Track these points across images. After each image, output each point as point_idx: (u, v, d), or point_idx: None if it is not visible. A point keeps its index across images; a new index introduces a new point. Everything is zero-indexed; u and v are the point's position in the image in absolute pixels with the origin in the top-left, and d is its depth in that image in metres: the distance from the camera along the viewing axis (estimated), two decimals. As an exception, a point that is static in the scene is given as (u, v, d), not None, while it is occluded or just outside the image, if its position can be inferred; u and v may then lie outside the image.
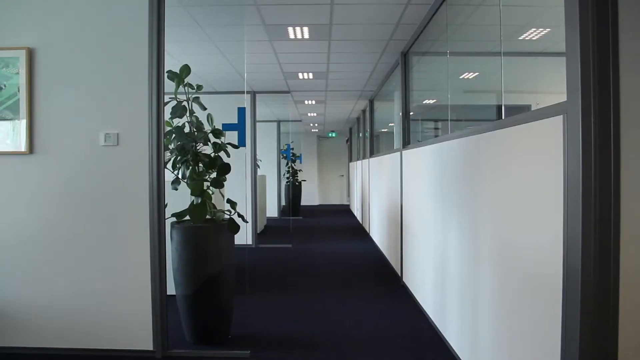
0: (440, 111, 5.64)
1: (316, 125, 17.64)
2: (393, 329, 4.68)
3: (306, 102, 11.78)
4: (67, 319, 4.07)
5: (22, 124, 4.04)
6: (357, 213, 14.42)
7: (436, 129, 6.13)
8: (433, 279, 4.66)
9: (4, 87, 4.05)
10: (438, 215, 4.49)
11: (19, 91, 4.04)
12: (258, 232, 10.04)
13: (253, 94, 9.66)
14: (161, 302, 4.00)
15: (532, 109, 3.15)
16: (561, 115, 2.15)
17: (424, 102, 6.75)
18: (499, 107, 3.50)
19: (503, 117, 3.30)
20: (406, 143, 6.49)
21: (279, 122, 14.34)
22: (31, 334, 4.10)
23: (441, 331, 4.36)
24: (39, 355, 4.04)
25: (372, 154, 10.81)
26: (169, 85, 4.20)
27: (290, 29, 5.87)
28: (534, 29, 4.17)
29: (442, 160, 4.34)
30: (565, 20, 2.11)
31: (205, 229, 4.32)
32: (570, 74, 2.08)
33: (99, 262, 4.03)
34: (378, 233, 9.26)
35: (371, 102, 11.30)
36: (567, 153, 2.11)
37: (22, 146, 4.05)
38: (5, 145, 4.07)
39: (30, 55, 4.05)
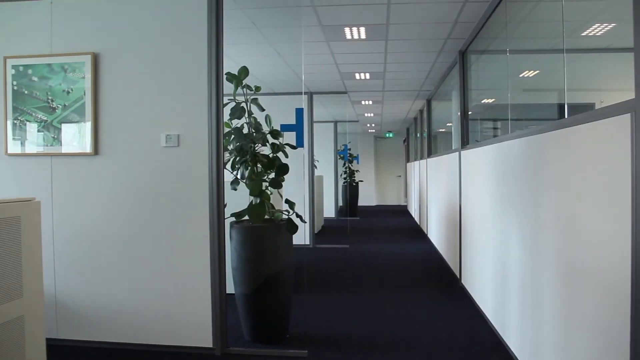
0: (499, 110, 5.53)
1: (373, 125, 17.58)
2: (451, 331, 4.62)
3: (363, 102, 11.76)
4: (129, 314, 4.19)
5: (87, 126, 4.18)
6: (414, 214, 14.30)
7: (495, 128, 6.03)
8: (493, 282, 4.58)
9: (71, 91, 4.20)
10: (498, 216, 4.41)
11: (84, 95, 4.18)
12: (315, 232, 10.07)
13: (310, 95, 9.71)
14: (221, 301, 4.07)
15: (596, 107, 3.06)
16: (629, 114, 2.08)
17: (483, 101, 6.64)
18: (561, 106, 3.41)
19: (566, 116, 3.21)
20: (465, 143, 6.40)
21: (335, 122, 14.36)
22: (93, 328, 4.24)
23: (501, 334, 4.28)
24: (100, 349, 4.18)
25: (429, 154, 10.70)
26: (228, 87, 4.27)
27: (347, 30, 5.87)
28: (598, 25, 4.05)
29: (502, 160, 4.26)
30: (634, 14, 2.04)
31: (264, 229, 4.37)
32: (639, 70, 2.00)
33: (161, 260, 4.13)
34: (436, 234, 9.16)
35: (428, 102, 11.19)
36: (635, 153, 2.03)
37: (88, 147, 4.19)
38: (72, 147, 4.22)
39: (95, 60, 4.18)
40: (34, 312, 2.34)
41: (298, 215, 4.56)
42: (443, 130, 10.51)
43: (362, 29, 5.86)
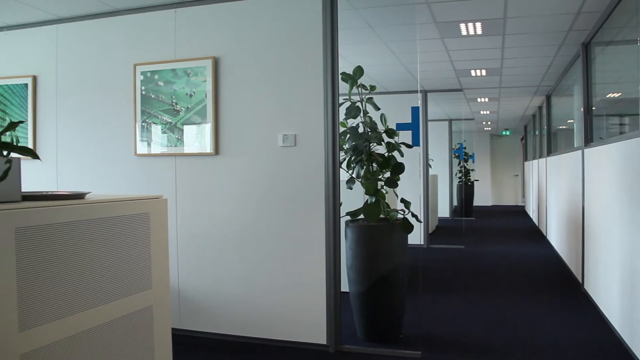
0: (628, 105, 5.20)
1: (489, 123, 17.09)
2: (573, 337, 4.40)
3: (479, 99, 11.47)
4: (246, 309, 4.33)
5: (208, 127, 4.37)
6: (532, 215, 13.76)
7: (622, 124, 5.68)
8: (620, 289, 4.32)
9: (193, 94, 4.40)
10: (627, 219, 4.15)
11: (206, 97, 4.37)
12: (430, 232, 9.95)
13: (424, 93, 9.60)
14: (335, 299, 4.11)
15: None
16: None
17: (609, 95, 6.27)
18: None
19: None
20: (588, 141, 6.08)
21: (450, 120, 14.09)
22: (212, 320, 4.42)
23: (629, 345, 4.03)
24: (219, 341, 4.36)
25: (549, 153, 10.25)
26: (343, 87, 4.31)
27: (462, 26, 5.75)
28: None
29: (632, 159, 4.01)
30: None
31: (379, 228, 4.37)
32: None
33: (277, 257, 4.24)
34: (556, 237, 8.77)
35: (548, 98, 10.72)
36: None
37: (208, 148, 4.37)
38: (194, 147, 4.43)
39: (216, 63, 4.36)
40: (161, 303, 2.48)
41: (413, 215, 4.52)
42: (564, 127, 10.03)
43: (478, 25, 5.72)
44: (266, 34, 4.26)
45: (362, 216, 4.48)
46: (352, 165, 4.57)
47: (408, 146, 4.70)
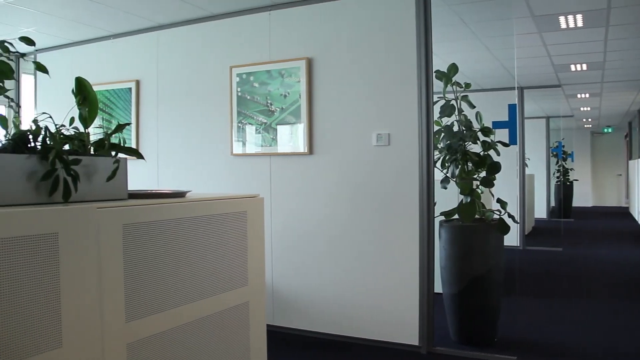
0: None
1: (589, 120, 16.34)
2: (687, 348, 4.13)
3: (578, 95, 10.99)
4: (338, 307, 4.34)
5: (302, 127, 4.42)
6: (638, 216, 13.04)
7: None
8: None
9: (287, 94, 4.47)
10: None
11: (300, 97, 4.42)
12: (526, 233, 9.63)
13: (521, 90, 9.30)
14: (428, 299, 4.05)
15: None
16: None
17: None
18: None
19: None
20: (703, 137, 5.68)
21: (547, 118, 13.57)
22: (304, 317, 4.47)
23: None
24: (310, 338, 4.41)
25: (657, 151, 9.68)
26: (437, 85, 4.24)
27: (561, 18, 5.52)
28: None
29: None
30: None
31: (473, 228, 4.27)
32: None
33: (370, 256, 4.23)
34: (665, 239, 8.26)
35: (656, 93, 10.13)
36: None
37: (302, 147, 4.42)
38: (288, 147, 4.49)
39: (309, 64, 4.40)
40: (257, 299, 2.52)
41: (510, 215, 4.39)
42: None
43: (579, 17, 5.47)
44: (359, 33, 4.25)
45: (456, 216, 4.39)
46: (446, 164, 4.49)
47: (505, 145, 4.56)
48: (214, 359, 2.23)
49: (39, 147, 1.73)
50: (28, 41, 1.85)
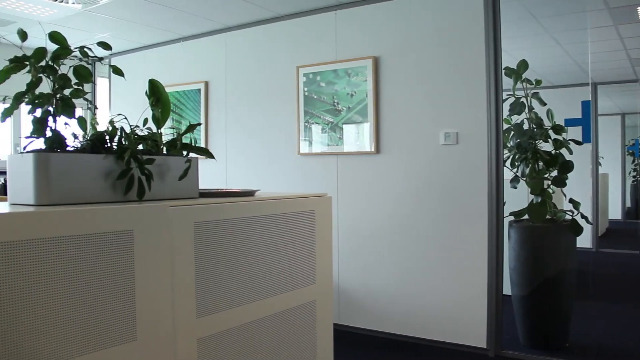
0: None
1: (668, 117, 15.63)
2: None
3: (656, 91, 10.53)
4: (403, 307, 4.31)
5: (368, 126, 4.40)
6: None
7: None
8: None
9: (354, 93, 4.47)
10: None
11: (366, 96, 4.41)
12: (599, 235, 9.30)
13: (594, 86, 8.99)
14: (497, 301, 3.97)
15: None
16: None
17: None
18: None
19: None
20: None
21: (623, 114, 13.06)
22: (370, 317, 4.46)
23: None
24: (375, 337, 4.39)
25: None
26: (506, 82, 4.15)
27: (640, 10, 5.31)
28: None
29: None
30: None
31: (544, 229, 4.16)
32: None
33: (437, 256, 4.18)
34: None
35: None
36: None
37: (369, 146, 4.41)
38: (354, 146, 4.49)
39: (376, 63, 4.39)
40: (324, 298, 2.53)
41: (583, 216, 4.24)
42: None
43: (659, 9, 5.25)
44: (426, 31, 4.21)
45: (526, 216, 4.28)
46: (516, 163, 4.39)
47: (578, 143, 4.42)
48: (281, 357, 2.26)
49: (115, 147, 1.79)
50: (105, 46, 1.92)
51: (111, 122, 1.82)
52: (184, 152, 2.03)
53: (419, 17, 4.24)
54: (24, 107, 1.71)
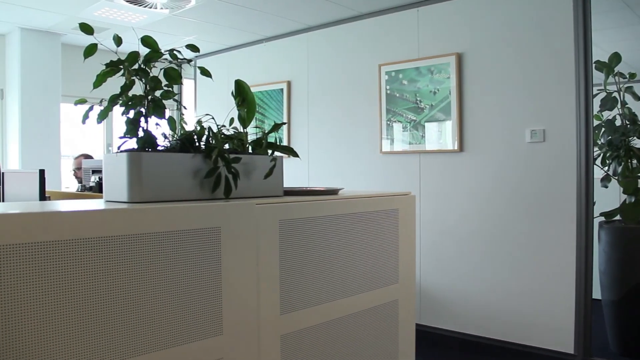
0: None
1: None
2: None
3: None
4: (486, 309, 4.22)
5: (451, 124, 4.34)
6: None
7: None
8: None
9: (437, 91, 4.41)
10: None
11: (450, 94, 4.34)
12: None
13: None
14: (586, 306, 3.82)
15: None
16: None
17: None
18: None
19: None
20: None
21: None
22: (451, 318, 4.40)
23: None
24: (457, 339, 4.32)
25: None
26: (597, 77, 3.99)
27: None
28: None
29: None
30: None
31: (638, 231, 3.97)
32: None
33: (521, 258, 4.06)
34: None
35: None
36: None
37: (452, 145, 4.34)
38: (437, 144, 4.43)
39: (459, 59, 4.31)
40: (407, 297, 2.51)
41: (681, 217, 4.03)
42: None
43: None
44: (511, 25, 4.10)
45: (618, 217, 4.10)
46: (607, 161, 4.22)
47: (676, 140, 4.20)
48: (363, 355, 2.26)
49: (203, 146, 1.84)
50: (193, 48, 1.98)
51: (199, 122, 1.87)
52: (269, 151, 2.06)
53: (503, 10, 4.13)
54: (116, 109, 1.78)
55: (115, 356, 1.42)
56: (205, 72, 1.93)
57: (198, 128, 1.86)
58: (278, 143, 2.11)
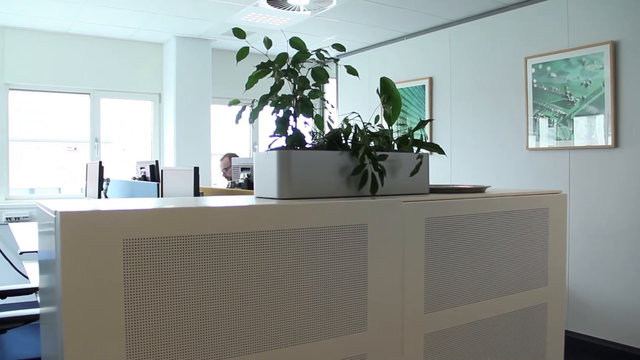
0: None
1: None
2: None
3: None
4: (644, 318, 3.92)
5: (604, 118, 4.07)
6: None
7: None
8: None
9: (589, 83, 4.15)
10: None
11: (603, 86, 4.08)
12: None
13: None
14: None
15: None
16: None
17: None
18: None
19: None
20: None
21: None
22: (603, 326, 4.11)
23: None
24: (604, 347, 4.05)
25: None
26: None
27: None
28: None
29: None
30: None
31: None
32: None
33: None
34: None
35: None
36: None
37: (606, 140, 4.07)
38: (589, 140, 4.18)
39: (614, 48, 4.03)
40: (556, 301, 2.39)
41: None
42: None
43: None
44: (676, 10, 3.78)
45: None
46: None
47: None
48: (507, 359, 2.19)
49: (349, 144, 1.87)
50: (339, 47, 2.01)
51: (345, 120, 1.90)
52: (414, 148, 2.05)
53: (667, -5, 3.82)
54: (263, 109, 1.85)
55: (270, 345, 1.48)
56: (351, 71, 1.96)
57: (345, 126, 1.89)
58: (424, 140, 2.10)
